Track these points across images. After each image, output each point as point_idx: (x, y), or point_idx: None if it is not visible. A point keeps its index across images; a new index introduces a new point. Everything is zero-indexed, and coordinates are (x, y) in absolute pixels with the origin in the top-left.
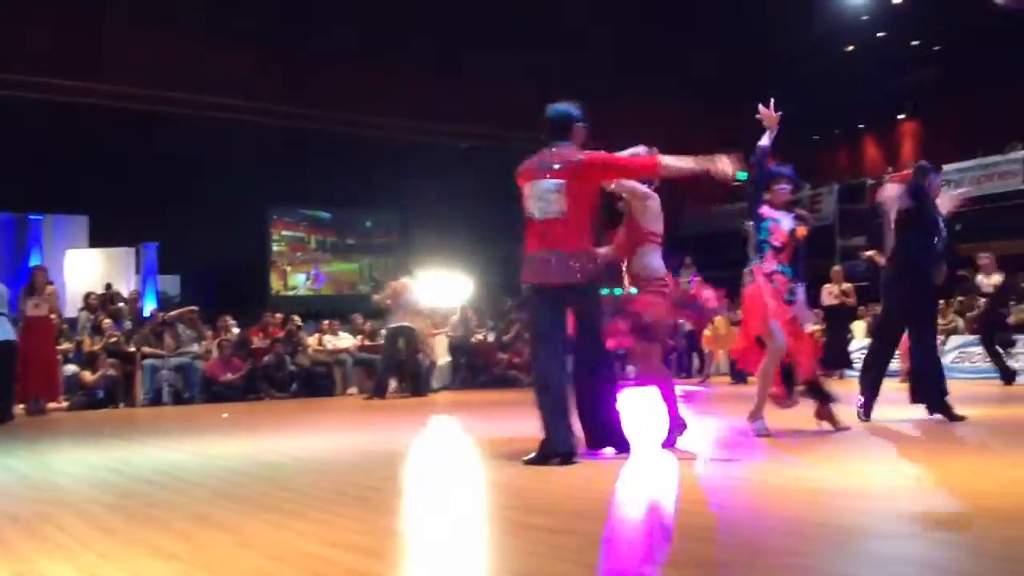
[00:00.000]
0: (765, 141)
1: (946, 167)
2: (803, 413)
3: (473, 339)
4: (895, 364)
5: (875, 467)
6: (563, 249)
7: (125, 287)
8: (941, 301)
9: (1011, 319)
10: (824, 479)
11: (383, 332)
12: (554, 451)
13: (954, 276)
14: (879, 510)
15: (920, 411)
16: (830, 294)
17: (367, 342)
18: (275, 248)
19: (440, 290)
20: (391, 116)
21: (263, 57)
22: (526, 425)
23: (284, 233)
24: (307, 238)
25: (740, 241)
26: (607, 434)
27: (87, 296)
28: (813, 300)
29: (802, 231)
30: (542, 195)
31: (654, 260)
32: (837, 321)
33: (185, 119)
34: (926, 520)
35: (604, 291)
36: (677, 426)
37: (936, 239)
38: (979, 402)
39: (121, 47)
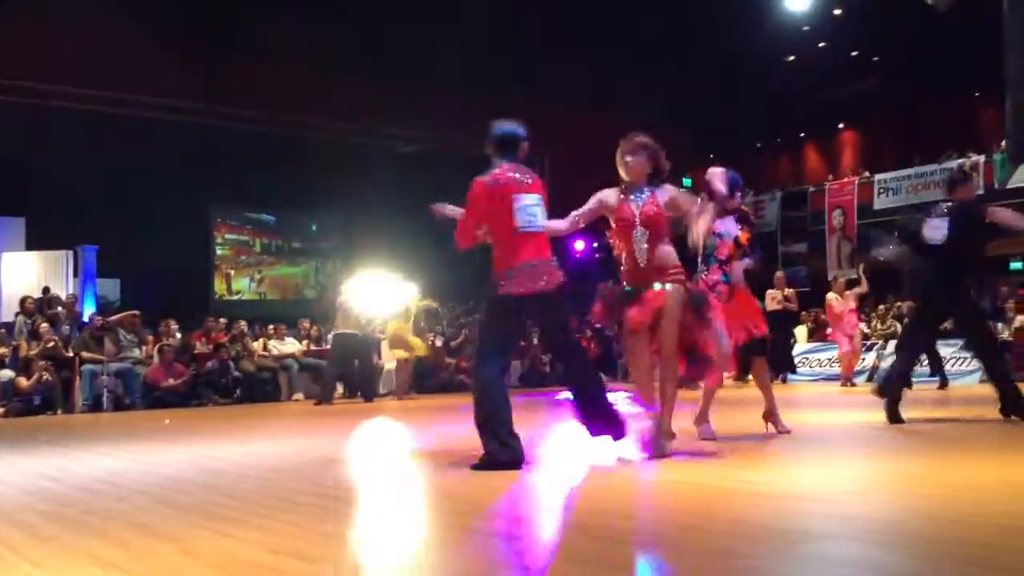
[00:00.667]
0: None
1: (884, 175)
2: (745, 417)
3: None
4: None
5: (816, 470)
6: (545, 257)
7: (63, 291)
8: (881, 306)
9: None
10: (767, 481)
11: (329, 337)
12: (496, 460)
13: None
14: (820, 512)
15: (860, 414)
16: (773, 299)
17: (313, 347)
18: (219, 252)
19: (385, 294)
20: (334, 119)
21: (208, 59)
22: (473, 430)
23: (228, 236)
24: (251, 241)
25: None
26: (610, 422)
27: (24, 300)
28: None
29: (744, 236)
30: (528, 209)
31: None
32: (780, 326)
33: (126, 120)
34: (865, 522)
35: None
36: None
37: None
38: (916, 406)
39: (60, 46)
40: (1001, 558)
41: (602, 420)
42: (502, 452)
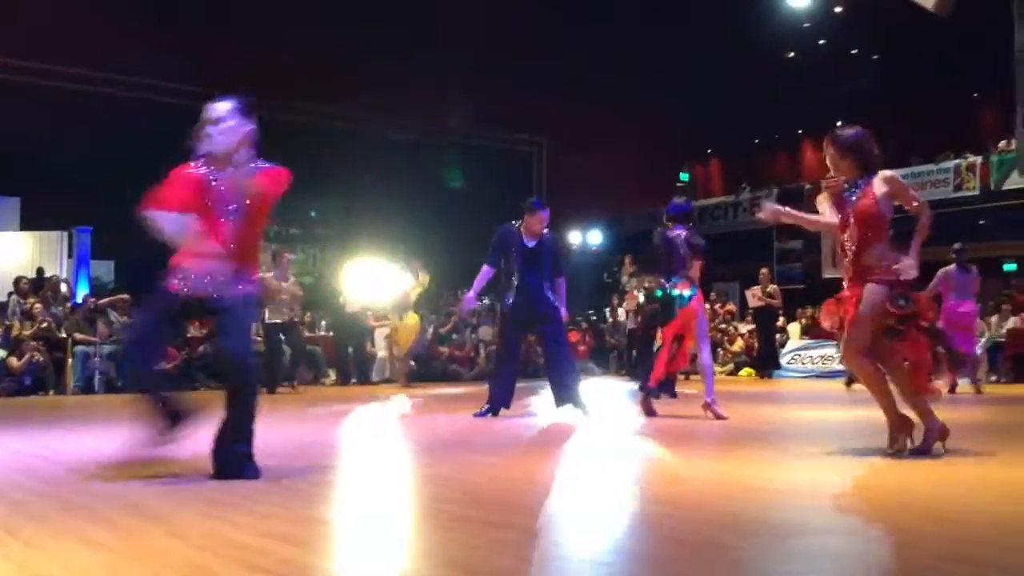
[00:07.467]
0: None
1: None
2: (740, 410)
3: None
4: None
5: (809, 464)
6: None
7: (57, 272)
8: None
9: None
10: (760, 476)
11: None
12: None
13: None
14: (811, 507)
15: (855, 410)
16: (754, 296)
17: (307, 333)
18: None
19: (380, 282)
20: (334, 105)
21: (205, 41)
22: (466, 417)
23: None
24: None
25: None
26: None
27: (18, 280)
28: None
29: None
30: None
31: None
32: (762, 323)
33: (123, 102)
34: (854, 516)
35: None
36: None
37: None
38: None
39: (57, 28)
40: (990, 556)
41: None
42: None
